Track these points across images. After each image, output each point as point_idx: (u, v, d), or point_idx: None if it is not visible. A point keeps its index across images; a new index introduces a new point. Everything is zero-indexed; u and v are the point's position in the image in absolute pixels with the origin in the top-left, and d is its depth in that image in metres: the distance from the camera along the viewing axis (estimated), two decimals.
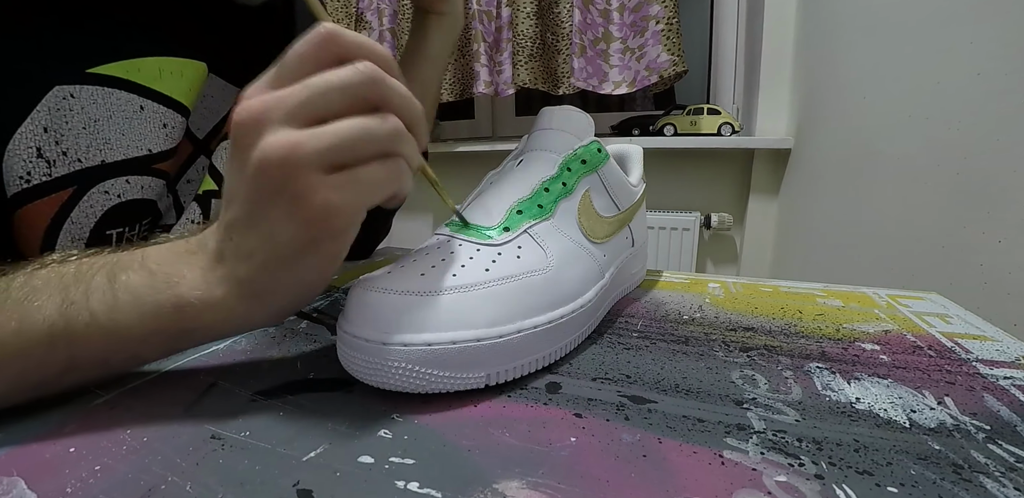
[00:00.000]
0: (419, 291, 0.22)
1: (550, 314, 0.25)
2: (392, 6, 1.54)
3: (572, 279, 0.27)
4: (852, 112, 0.95)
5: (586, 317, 0.28)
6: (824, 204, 1.05)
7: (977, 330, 0.31)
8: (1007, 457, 0.18)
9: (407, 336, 0.21)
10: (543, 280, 0.25)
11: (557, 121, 0.31)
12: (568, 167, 0.29)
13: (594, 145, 0.31)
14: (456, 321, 0.22)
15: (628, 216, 0.34)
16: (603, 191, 0.31)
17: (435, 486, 0.17)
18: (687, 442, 0.19)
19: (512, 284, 0.24)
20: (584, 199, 0.30)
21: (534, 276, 0.25)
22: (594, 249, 0.29)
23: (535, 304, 0.24)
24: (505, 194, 0.28)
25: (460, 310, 0.22)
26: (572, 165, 0.30)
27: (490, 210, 0.27)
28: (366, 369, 0.22)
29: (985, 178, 0.64)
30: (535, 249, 0.26)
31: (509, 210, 0.27)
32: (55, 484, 0.17)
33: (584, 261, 0.28)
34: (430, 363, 0.21)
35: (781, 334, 0.30)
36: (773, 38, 1.21)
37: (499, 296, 0.23)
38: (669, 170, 1.42)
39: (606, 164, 0.31)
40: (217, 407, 0.22)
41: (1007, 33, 0.60)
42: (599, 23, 1.31)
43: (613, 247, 0.32)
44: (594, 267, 0.29)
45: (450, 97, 1.48)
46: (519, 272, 0.25)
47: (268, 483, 0.17)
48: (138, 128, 0.32)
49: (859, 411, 0.21)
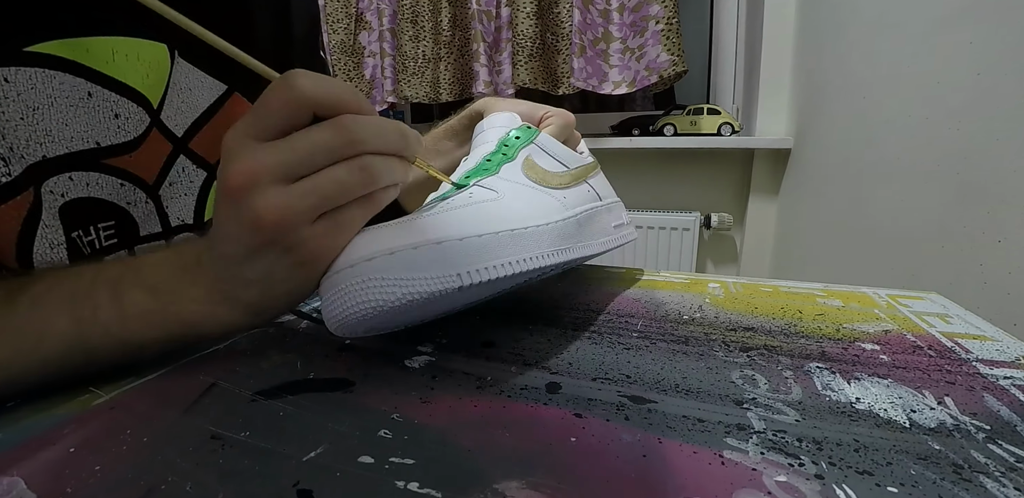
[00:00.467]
0: (383, 226, 0.24)
1: (510, 225, 0.25)
2: (392, 6, 1.54)
3: (529, 205, 0.28)
4: (852, 112, 0.95)
5: (555, 236, 0.27)
6: (824, 204, 1.05)
7: (977, 330, 0.31)
8: (1007, 457, 0.18)
9: (370, 252, 0.22)
10: (496, 204, 0.26)
11: (487, 123, 0.35)
12: (505, 144, 0.33)
13: (524, 126, 0.34)
14: (416, 235, 0.23)
15: (581, 173, 0.35)
16: (544, 155, 0.33)
17: (435, 486, 0.17)
18: (687, 442, 0.19)
19: (465, 209, 0.25)
20: (527, 161, 0.32)
21: (487, 203, 0.26)
22: (550, 190, 0.31)
23: (492, 220, 0.25)
24: (455, 175, 0.31)
25: (420, 228, 0.23)
26: (508, 142, 0.33)
27: (444, 187, 0.30)
28: (339, 302, 0.22)
29: (985, 178, 0.64)
30: (485, 191, 0.28)
31: (459, 179, 0.30)
32: (55, 484, 0.17)
33: (539, 196, 0.30)
34: (395, 268, 0.21)
35: (781, 334, 0.30)
36: (773, 38, 1.21)
37: (456, 216, 0.24)
38: (669, 170, 1.42)
39: (540, 135, 0.34)
40: (217, 407, 0.22)
41: (1007, 33, 0.60)
42: (599, 23, 1.31)
43: (574, 193, 0.33)
44: (553, 202, 0.30)
45: (449, 97, 1.48)
46: (472, 202, 0.26)
47: (268, 483, 0.17)
48: (83, 117, 0.28)
49: (859, 411, 0.21)
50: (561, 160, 0.34)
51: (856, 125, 0.93)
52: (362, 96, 0.23)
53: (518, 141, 0.33)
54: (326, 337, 0.30)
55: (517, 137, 0.33)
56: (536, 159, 0.33)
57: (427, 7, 1.47)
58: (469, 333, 0.30)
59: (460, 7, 1.44)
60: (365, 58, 1.60)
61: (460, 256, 0.22)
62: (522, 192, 0.29)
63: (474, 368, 0.26)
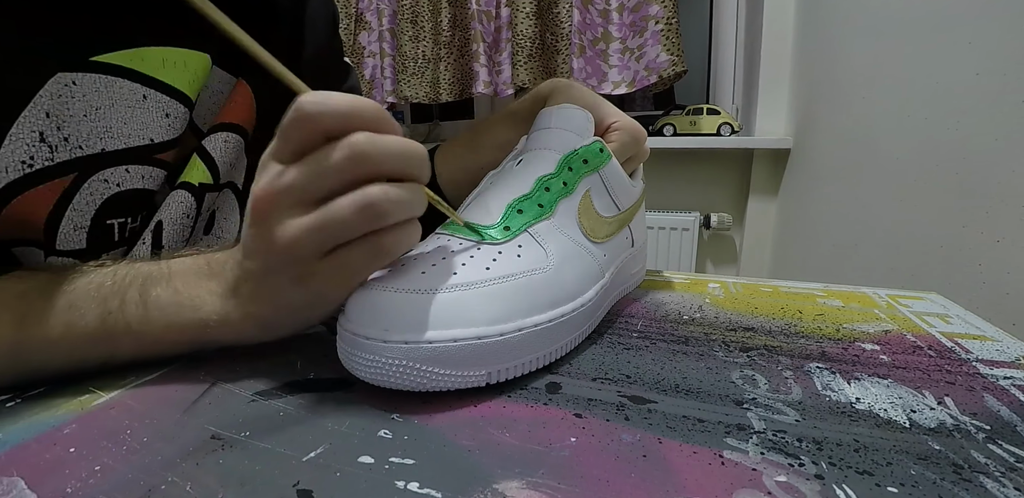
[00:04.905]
0: (420, 289, 0.22)
1: (551, 312, 0.25)
2: (392, 6, 1.54)
3: (572, 278, 0.27)
4: (852, 112, 0.95)
5: (586, 316, 0.28)
6: (824, 204, 1.05)
7: (977, 330, 0.31)
8: (1007, 457, 0.18)
9: (408, 334, 0.21)
10: (543, 279, 0.25)
11: (557, 120, 0.31)
12: (569, 166, 0.29)
13: (596, 145, 0.30)
14: (457, 318, 0.22)
15: (628, 216, 0.34)
16: (604, 191, 0.31)
17: (435, 486, 0.17)
18: (687, 442, 0.19)
19: (513, 282, 0.24)
20: (585, 199, 0.30)
21: (535, 275, 0.25)
22: (594, 249, 0.29)
23: (536, 302, 0.24)
24: (505, 193, 0.28)
25: (461, 308, 0.22)
26: (573, 164, 0.29)
27: (490, 209, 0.27)
28: (366, 367, 0.22)
29: (985, 178, 0.64)
30: (535, 248, 0.26)
31: (509, 208, 0.27)
32: (55, 484, 0.17)
33: (584, 260, 0.28)
34: (431, 361, 0.21)
35: (781, 334, 0.30)
36: (773, 38, 1.21)
37: (500, 294, 0.23)
38: (669, 170, 1.42)
39: (608, 164, 0.31)
40: (217, 407, 0.22)
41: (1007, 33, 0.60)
42: (598, 23, 1.31)
43: (613, 247, 0.32)
44: (594, 266, 0.29)
45: (449, 97, 1.48)
46: (520, 270, 0.25)
47: (268, 483, 0.17)
48: (140, 117, 0.32)
49: (859, 411, 0.22)
50: (617, 200, 0.32)
51: (856, 125, 0.93)
52: (381, 112, 0.22)
53: (584, 167, 0.29)
54: (326, 337, 0.30)
55: (585, 160, 0.29)
56: (594, 198, 0.30)
57: (427, 7, 1.47)
58: None
59: (460, 7, 1.44)
60: (365, 58, 1.60)
61: (496, 355, 0.23)
62: (570, 254, 0.27)
63: None
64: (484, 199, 0.28)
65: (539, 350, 0.24)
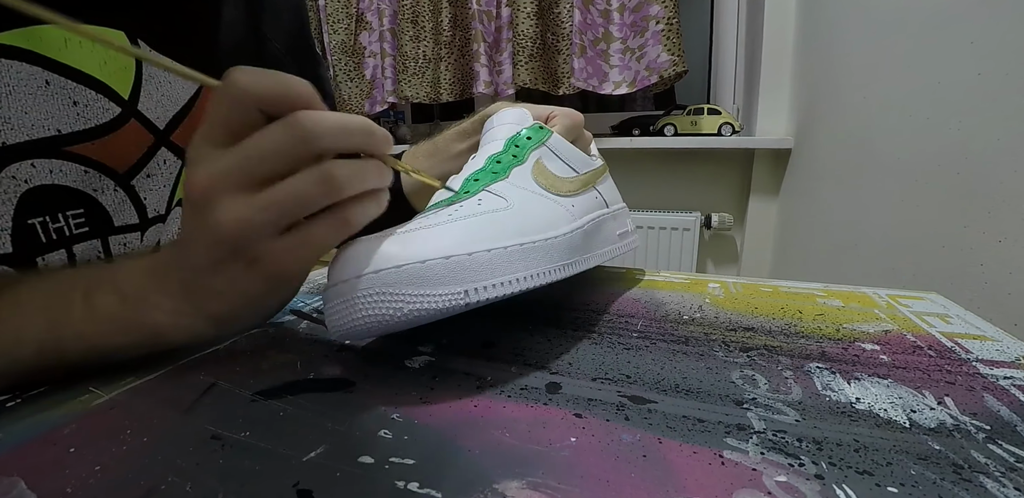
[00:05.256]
0: (386, 234, 0.23)
1: (519, 238, 0.25)
2: (392, 6, 1.54)
3: (538, 215, 0.28)
4: (852, 112, 0.95)
5: (561, 251, 0.27)
6: (824, 204, 1.05)
7: (977, 330, 0.31)
8: (1007, 457, 0.18)
9: (376, 265, 0.21)
10: (506, 214, 0.26)
11: (498, 120, 0.34)
12: (516, 144, 0.32)
13: (536, 125, 0.33)
14: (424, 247, 0.22)
15: (590, 178, 0.35)
16: (554, 157, 0.33)
17: (435, 486, 0.17)
18: (687, 442, 0.19)
19: (476, 218, 0.25)
20: (537, 165, 0.31)
21: (497, 213, 0.26)
22: (559, 199, 0.30)
23: (502, 232, 0.25)
24: (463, 174, 0.30)
25: (427, 237, 0.23)
26: (519, 142, 0.32)
27: (452, 187, 0.29)
28: (344, 313, 0.22)
29: (985, 178, 0.64)
30: (495, 198, 0.27)
31: (466, 181, 0.29)
32: (55, 484, 0.17)
33: (548, 205, 0.29)
34: (402, 283, 0.21)
35: (781, 334, 0.30)
36: (773, 38, 1.21)
37: (465, 227, 0.24)
38: (669, 170, 1.42)
39: (552, 137, 0.33)
40: (217, 407, 0.22)
41: (1007, 33, 0.60)
42: (599, 23, 1.31)
43: (582, 201, 0.32)
44: (561, 211, 0.30)
45: (450, 97, 1.48)
46: (482, 211, 0.26)
47: (268, 483, 0.17)
48: (43, 105, 0.29)
49: (859, 411, 0.21)
50: (571, 164, 0.34)
51: (857, 125, 0.93)
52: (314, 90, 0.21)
53: (529, 142, 0.32)
54: (326, 337, 0.30)
55: (528, 137, 0.32)
56: (546, 163, 0.32)
57: (427, 7, 1.47)
58: (469, 333, 0.30)
59: (460, 7, 1.44)
60: (366, 58, 1.60)
61: (468, 272, 0.22)
62: (532, 200, 0.29)
63: (474, 368, 0.26)
64: (447, 185, 0.30)
65: (513, 272, 0.24)
